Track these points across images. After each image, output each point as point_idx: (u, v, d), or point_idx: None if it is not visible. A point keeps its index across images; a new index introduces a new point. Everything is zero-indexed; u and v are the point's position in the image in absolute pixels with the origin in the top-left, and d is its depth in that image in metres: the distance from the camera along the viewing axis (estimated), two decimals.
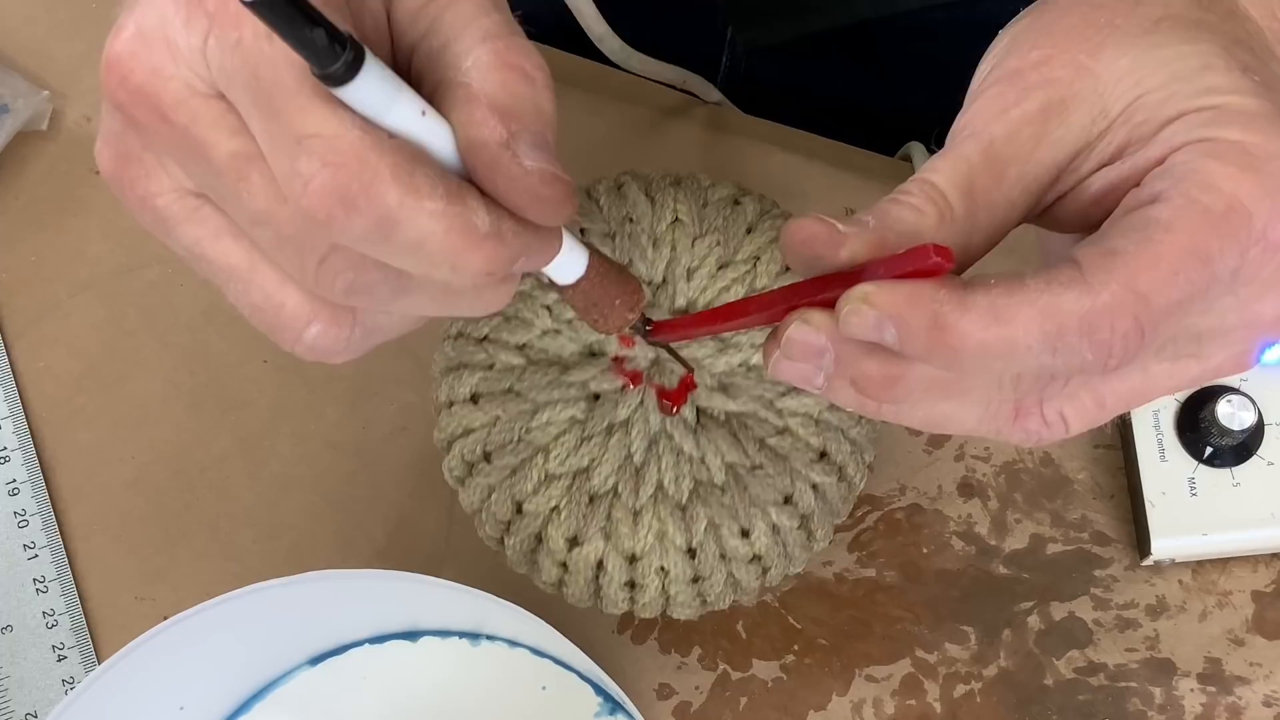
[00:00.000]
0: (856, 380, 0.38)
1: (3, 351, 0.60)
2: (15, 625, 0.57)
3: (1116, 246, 0.36)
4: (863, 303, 0.36)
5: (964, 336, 0.35)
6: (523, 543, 0.51)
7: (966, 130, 0.39)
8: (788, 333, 0.38)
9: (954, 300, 0.35)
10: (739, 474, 0.49)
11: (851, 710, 0.57)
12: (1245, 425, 0.55)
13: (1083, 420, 0.40)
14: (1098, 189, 0.39)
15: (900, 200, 0.38)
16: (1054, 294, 0.35)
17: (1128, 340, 0.36)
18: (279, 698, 0.54)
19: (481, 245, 0.35)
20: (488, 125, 0.36)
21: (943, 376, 0.38)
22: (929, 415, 0.39)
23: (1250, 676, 0.56)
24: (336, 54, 0.33)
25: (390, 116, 0.35)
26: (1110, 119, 0.39)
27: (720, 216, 0.51)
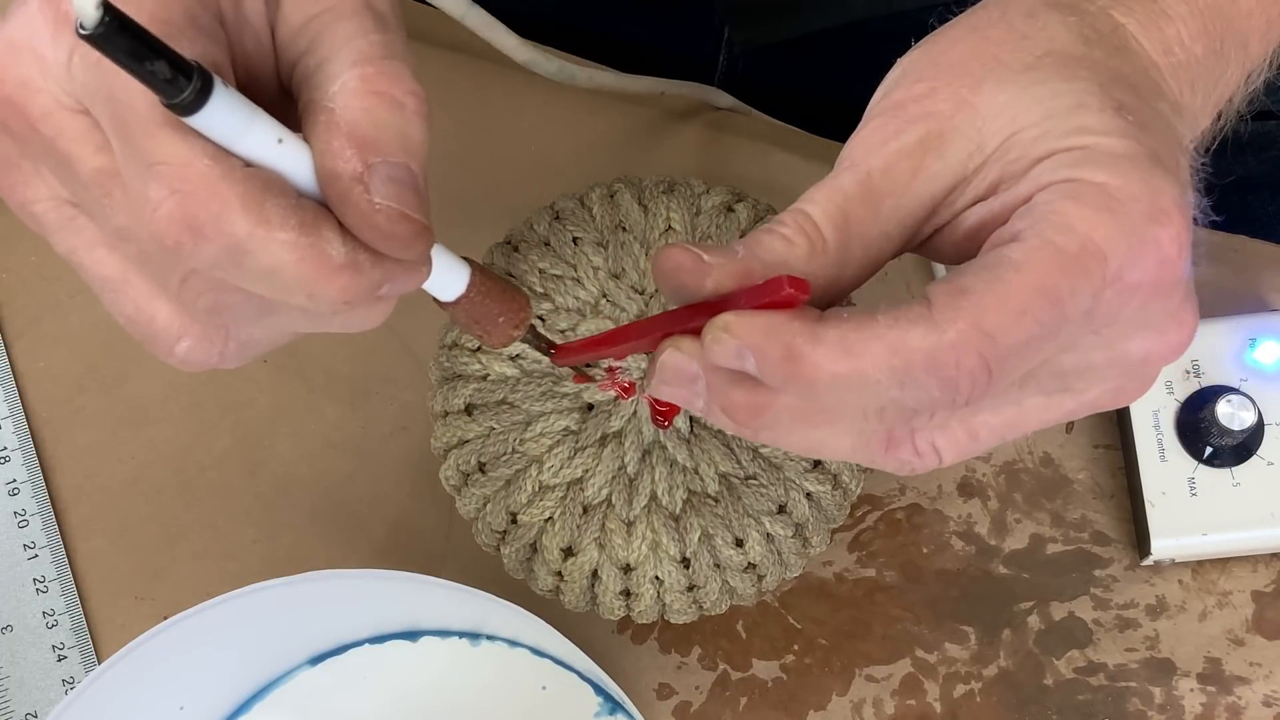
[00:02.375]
0: (726, 407, 0.38)
1: (3, 351, 0.60)
2: (15, 625, 0.57)
3: (966, 285, 0.36)
4: (723, 331, 0.36)
5: (815, 368, 0.36)
6: (518, 552, 0.51)
7: (846, 161, 0.39)
8: (661, 359, 0.38)
9: (806, 332, 0.36)
10: (732, 484, 0.49)
11: (851, 710, 0.57)
12: (1245, 425, 0.55)
13: (956, 451, 0.40)
14: (971, 224, 0.39)
15: (773, 230, 0.38)
16: (901, 330, 0.36)
17: (975, 377, 0.36)
18: (279, 698, 0.54)
19: (337, 275, 0.35)
20: (343, 156, 0.35)
21: (806, 406, 0.38)
22: (804, 442, 0.40)
23: (1250, 676, 0.56)
24: (181, 86, 0.32)
25: (244, 144, 0.35)
26: (986, 154, 0.39)
27: (713, 224, 0.51)
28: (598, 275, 0.50)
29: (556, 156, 0.63)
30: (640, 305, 0.50)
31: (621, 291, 0.50)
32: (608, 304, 0.50)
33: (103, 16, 0.30)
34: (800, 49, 0.71)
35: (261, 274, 0.35)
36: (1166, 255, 0.37)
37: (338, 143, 0.35)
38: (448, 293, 0.40)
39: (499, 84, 0.64)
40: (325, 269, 0.35)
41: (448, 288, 0.40)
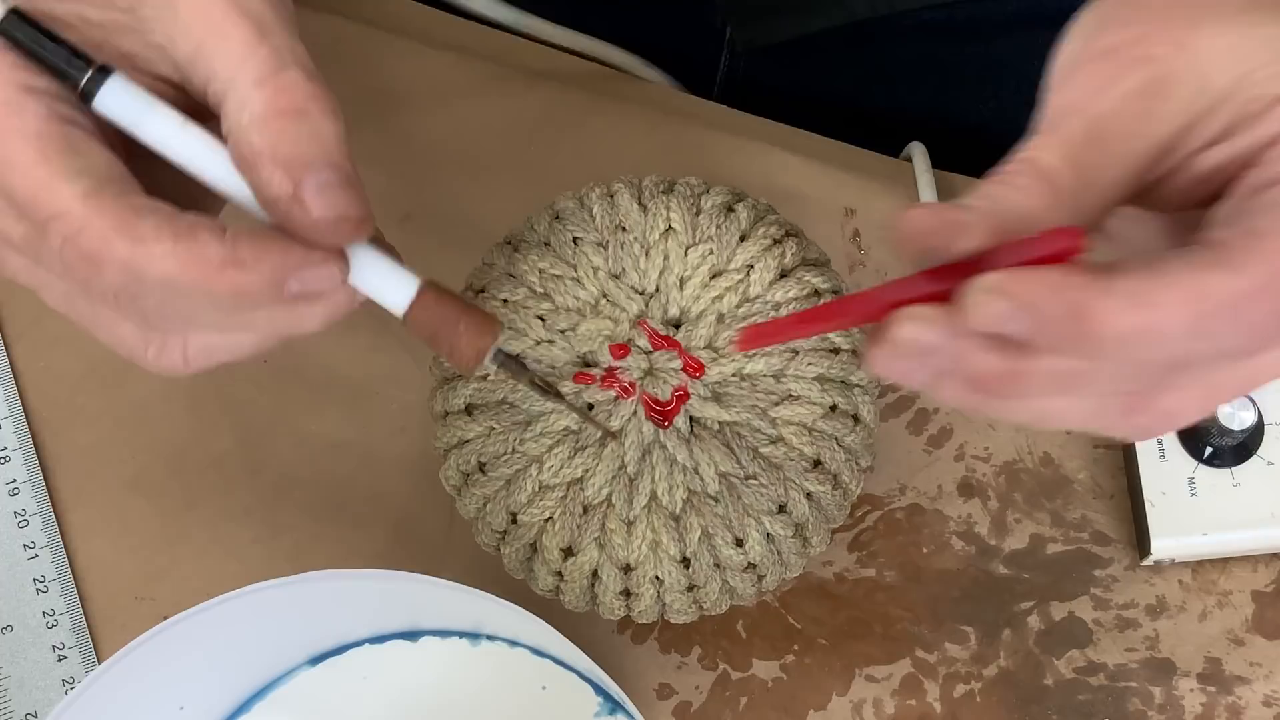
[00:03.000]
0: (974, 378, 0.36)
1: (3, 351, 0.60)
2: (15, 625, 0.57)
3: (1257, 226, 0.35)
4: (991, 293, 0.35)
5: (1106, 323, 0.34)
6: (518, 552, 0.51)
7: (1065, 109, 0.39)
8: (897, 331, 0.36)
9: (1095, 286, 0.34)
10: (732, 483, 0.49)
11: (851, 710, 0.57)
12: (1245, 425, 0.55)
13: (1190, 413, 0.39)
14: (1206, 167, 0.38)
15: (1008, 182, 0.37)
16: (1199, 275, 0.34)
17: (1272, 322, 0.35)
18: (279, 698, 0.54)
19: (221, 273, 0.39)
20: (274, 183, 0.39)
21: (1067, 369, 0.36)
22: (1040, 412, 0.38)
23: (1250, 676, 0.56)
24: (81, 70, 0.39)
25: (147, 126, 0.40)
26: (1213, 96, 0.38)
27: (713, 224, 0.51)
28: (598, 275, 0.50)
29: (556, 156, 0.63)
30: (640, 305, 0.50)
31: (621, 291, 0.50)
32: (608, 304, 0.50)
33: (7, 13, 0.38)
34: (800, 49, 0.71)
35: (159, 284, 0.39)
36: None
37: (265, 172, 0.39)
38: (394, 306, 0.42)
39: (499, 84, 0.64)
40: (208, 269, 0.39)
41: (393, 300, 0.42)
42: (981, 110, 0.71)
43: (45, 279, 0.43)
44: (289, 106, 0.40)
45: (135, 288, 0.40)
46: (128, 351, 0.44)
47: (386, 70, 0.64)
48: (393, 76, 0.64)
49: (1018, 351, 0.36)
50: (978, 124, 0.71)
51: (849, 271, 0.61)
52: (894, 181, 0.62)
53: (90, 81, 0.40)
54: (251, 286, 0.39)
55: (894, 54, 0.72)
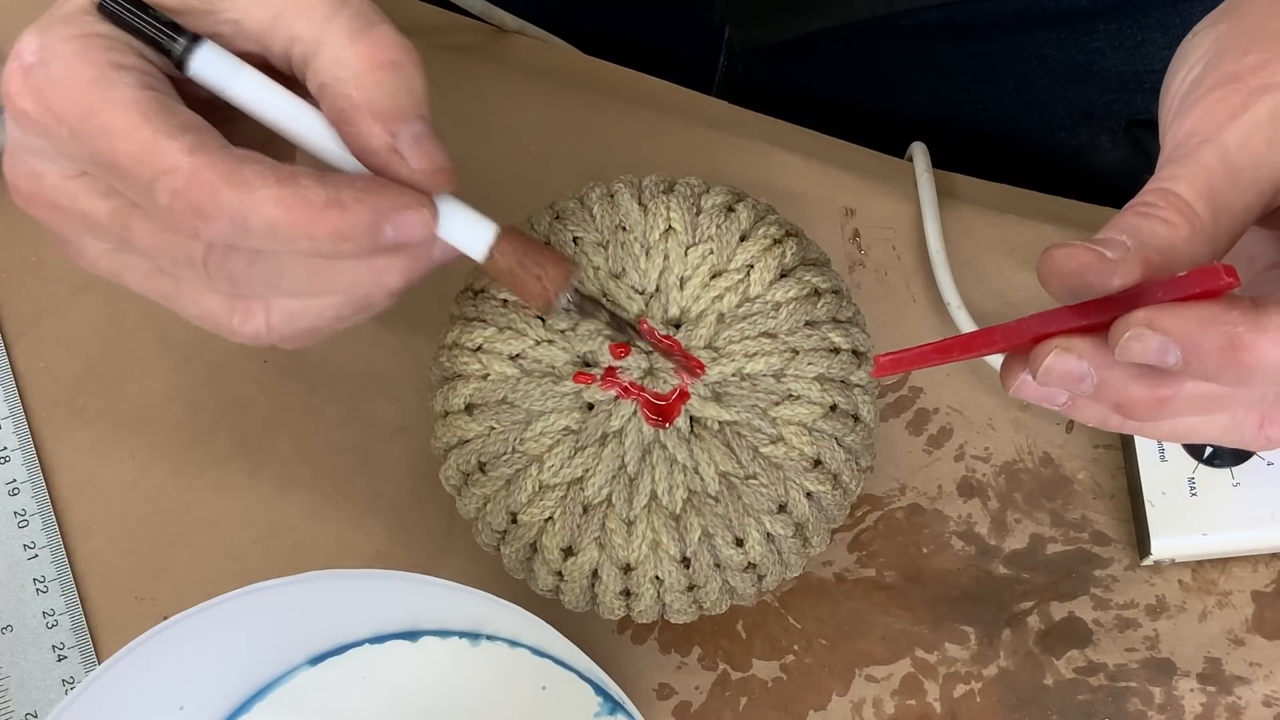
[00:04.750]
0: (1123, 403, 0.39)
1: (3, 351, 0.60)
2: (15, 625, 0.57)
3: None
4: (1146, 328, 0.37)
5: (1260, 354, 0.36)
6: (518, 552, 0.51)
7: (1196, 137, 0.40)
8: (1048, 361, 0.38)
9: (1249, 320, 0.36)
10: (733, 483, 0.49)
11: (851, 710, 0.57)
12: None
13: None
14: None
15: (1149, 215, 0.39)
16: None
17: None
18: (279, 698, 0.54)
19: (324, 214, 0.41)
20: (373, 134, 0.42)
21: (1211, 393, 0.38)
22: (1176, 429, 0.40)
23: (1250, 676, 0.56)
24: (175, 39, 0.42)
25: (239, 87, 0.43)
26: None
27: (714, 224, 0.51)
28: (598, 275, 0.50)
29: (556, 156, 0.63)
30: (640, 305, 0.50)
31: (622, 291, 0.50)
32: (608, 304, 0.50)
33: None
34: (800, 49, 0.71)
35: (264, 230, 0.41)
36: None
37: (365, 124, 0.42)
38: (474, 250, 0.45)
39: (499, 84, 0.64)
40: (310, 211, 0.41)
41: (473, 245, 0.45)
42: (981, 110, 0.71)
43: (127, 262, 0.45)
44: (384, 60, 0.42)
45: (239, 237, 0.41)
46: (213, 322, 0.45)
47: None
48: None
49: (1165, 379, 0.38)
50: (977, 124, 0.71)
51: (849, 271, 0.61)
52: (894, 181, 0.62)
53: (185, 50, 0.43)
54: (351, 229, 0.41)
55: (893, 54, 0.72)
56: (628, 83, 0.64)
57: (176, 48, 0.42)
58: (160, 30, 0.42)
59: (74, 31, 0.42)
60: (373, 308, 0.46)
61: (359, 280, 0.44)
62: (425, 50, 0.64)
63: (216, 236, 0.42)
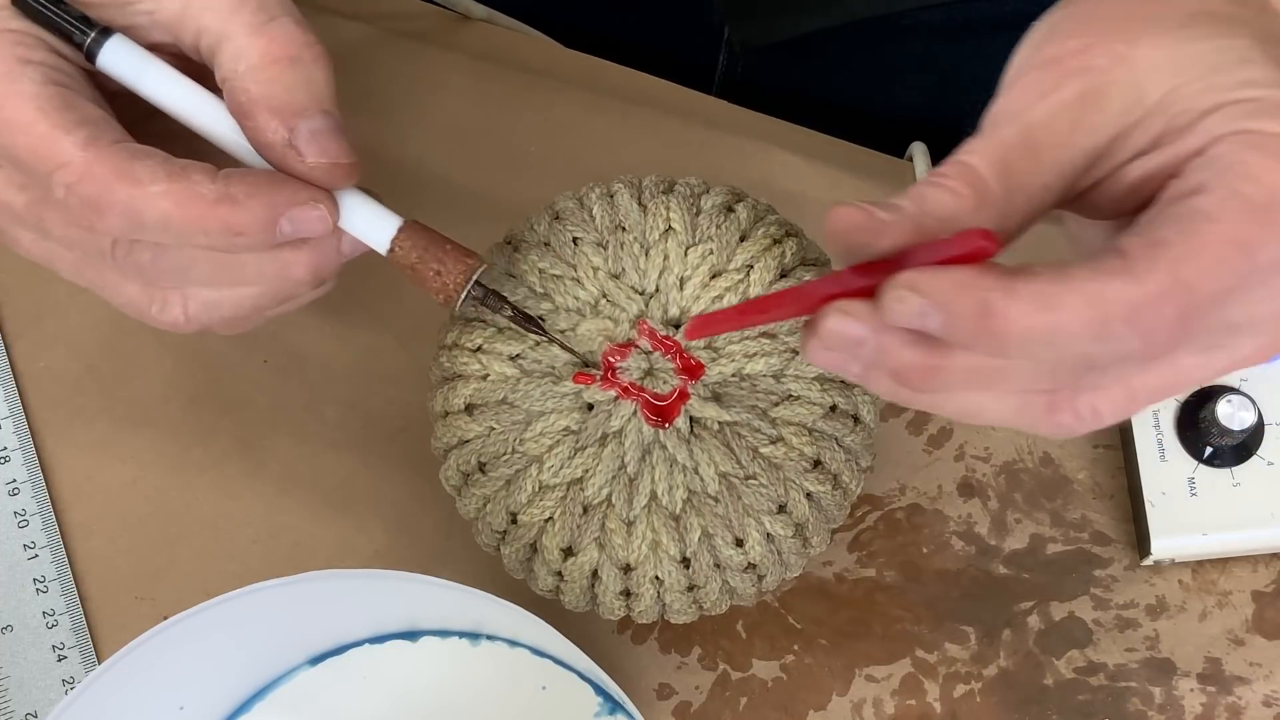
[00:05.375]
0: (896, 370, 0.38)
1: (3, 351, 0.60)
2: (15, 625, 0.57)
3: (1162, 237, 0.36)
4: (907, 290, 0.36)
5: (1011, 322, 0.35)
6: (518, 552, 0.51)
7: (1004, 114, 0.40)
8: (826, 323, 0.38)
9: (1001, 286, 0.36)
10: (732, 483, 0.49)
11: (851, 710, 0.57)
12: (1245, 425, 0.55)
13: (1114, 413, 0.40)
14: (1134, 177, 0.40)
15: (938, 184, 0.39)
16: (1101, 282, 0.36)
17: (1172, 329, 0.36)
18: (279, 698, 0.54)
19: (215, 209, 0.42)
20: (269, 129, 0.42)
21: (982, 366, 0.38)
22: (964, 406, 0.40)
23: (1250, 676, 0.56)
24: (85, 31, 0.43)
25: (146, 80, 0.44)
26: (1146, 108, 0.39)
27: (713, 224, 0.51)
28: (597, 275, 0.50)
29: (556, 156, 0.63)
30: (640, 305, 0.50)
31: (621, 291, 0.50)
32: (607, 304, 0.50)
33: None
34: (800, 49, 0.71)
35: (158, 224, 0.42)
36: None
37: (261, 118, 0.42)
38: (377, 243, 0.45)
39: (499, 84, 0.64)
40: (202, 206, 0.41)
41: (376, 238, 0.45)
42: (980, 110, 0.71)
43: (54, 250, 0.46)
44: (282, 54, 0.42)
45: (135, 231, 0.42)
46: (135, 311, 0.46)
47: (386, 70, 0.64)
48: (393, 76, 0.64)
49: (936, 347, 0.37)
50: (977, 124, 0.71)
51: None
52: (894, 181, 0.62)
53: (94, 42, 0.43)
54: (244, 224, 0.42)
55: (893, 54, 0.72)
56: (627, 82, 0.64)
57: (86, 41, 0.43)
58: (70, 23, 0.43)
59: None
60: (295, 297, 0.46)
61: (265, 273, 0.44)
62: (426, 49, 0.64)
63: (112, 231, 0.42)
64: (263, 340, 0.60)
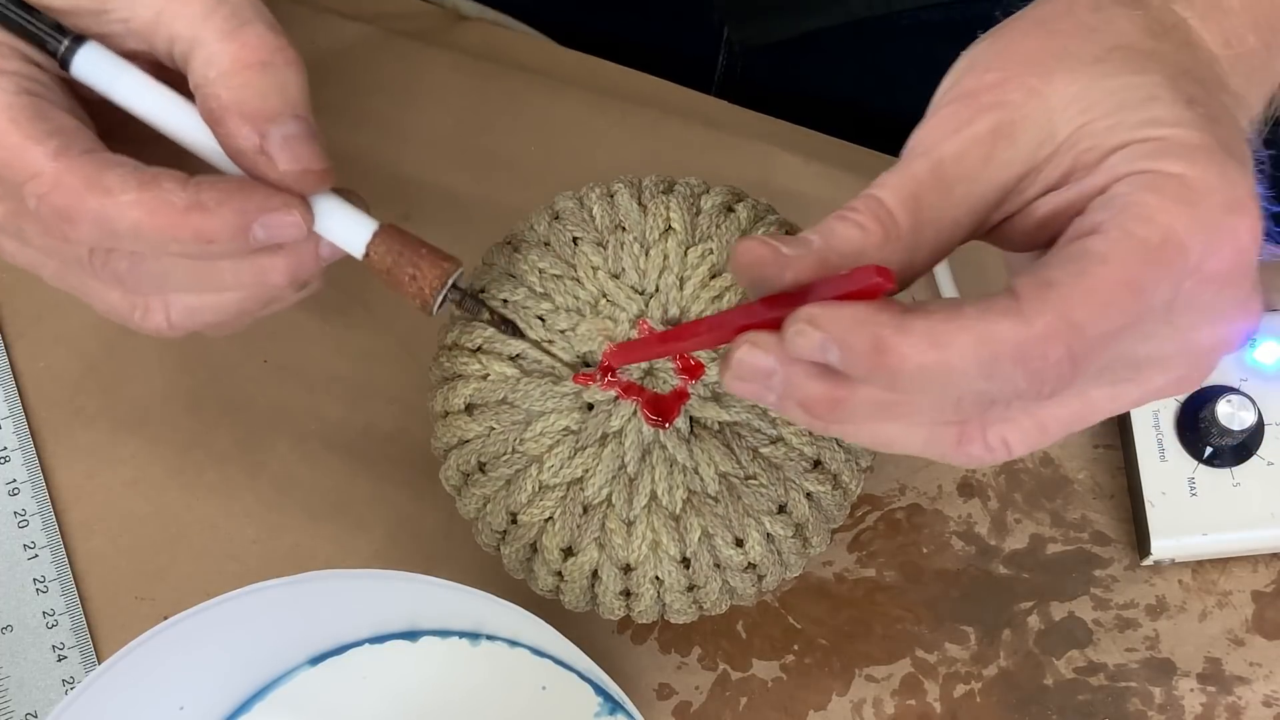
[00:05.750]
0: (803, 401, 0.39)
1: (3, 351, 0.60)
2: (15, 625, 0.57)
3: (1053, 278, 0.37)
4: (807, 324, 0.37)
5: (903, 359, 0.36)
6: (518, 552, 0.51)
7: (918, 148, 0.40)
8: (737, 354, 0.39)
9: (894, 323, 0.36)
10: (732, 483, 0.49)
11: (851, 710, 0.57)
12: (1245, 425, 0.55)
13: (1025, 444, 0.40)
14: (1044, 213, 0.40)
15: (846, 218, 0.39)
16: (990, 322, 0.36)
17: (1060, 369, 0.36)
18: (279, 698, 0.54)
19: (186, 217, 0.41)
20: (241, 135, 0.42)
21: (886, 398, 0.38)
22: (876, 436, 0.40)
23: (1250, 676, 0.56)
24: (59, 39, 0.43)
25: (120, 87, 0.43)
26: (1056, 143, 0.39)
27: (713, 224, 0.51)
28: (597, 275, 0.50)
29: (556, 156, 0.63)
30: (640, 305, 0.50)
31: (621, 291, 0.50)
32: (607, 304, 0.50)
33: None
34: (799, 48, 0.71)
35: (129, 234, 0.41)
36: (1243, 245, 0.37)
37: (233, 124, 0.42)
38: (353, 247, 0.44)
39: (499, 84, 0.64)
40: (172, 214, 0.41)
41: (351, 242, 0.44)
42: None
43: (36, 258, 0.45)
44: (253, 59, 0.42)
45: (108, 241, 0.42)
46: (118, 317, 0.46)
47: (386, 70, 0.64)
48: (392, 76, 0.64)
49: (840, 380, 0.38)
50: None
51: None
52: None
53: (67, 50, 0.43)
54: (216, 231, 0.41)
55: (893, 54, 0.72)
56: (627, 82, 0.64)
57: (60, 49, 0.43)
58: (44, 30, 0.43)
59: None
60: (277, 300, 0.46)
61: (242, 279, 0.44)
62: (426, 49, 0.64)
63: (86, 240, 0.42)
64: (262, 340, 0.60)
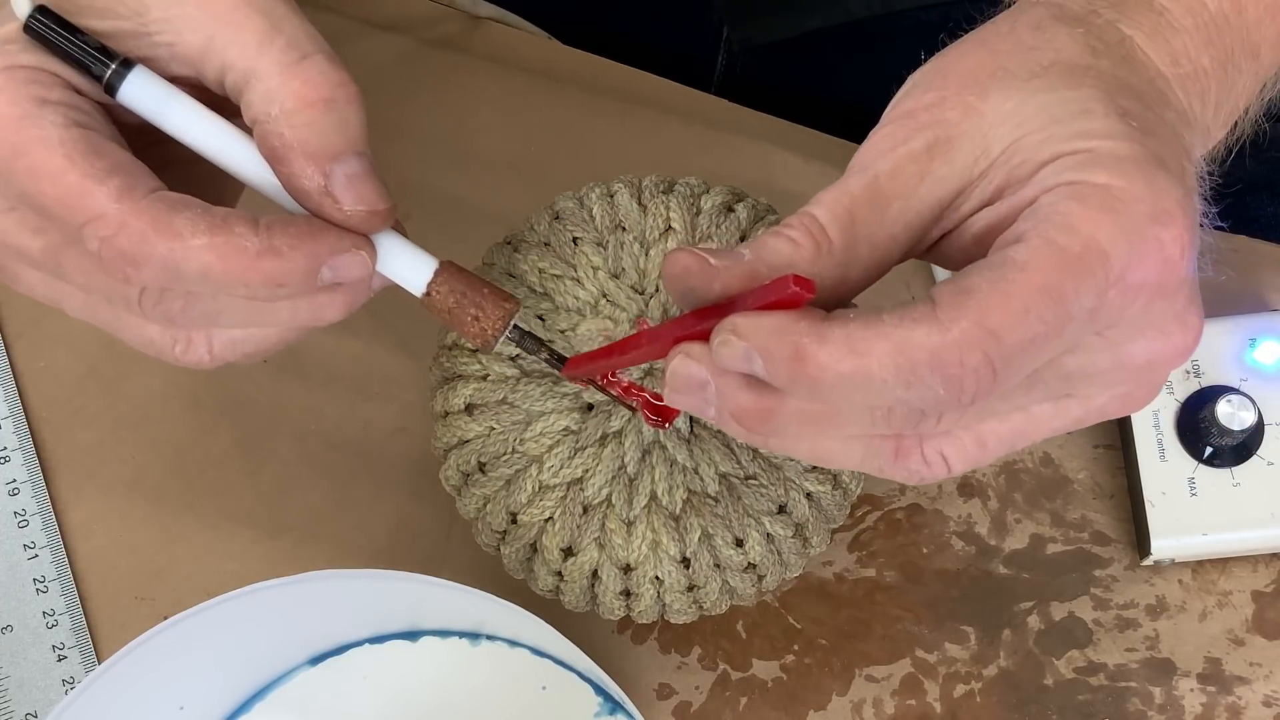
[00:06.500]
0: (735, 412, 0.38)
1: (3, 351, 0.60)
2: (15, 625, 0.57)
3: (971, 284, 0.36)
4: (730, 334, 0.37)
5: (821, 367, 0.36)
6: (518, 552, 0.51)
7: (857, 166, 0.40)
8: (671, 365, 0.39)
9: (813, 332, 0.36)
10: (732, 484, 0.49)
11: (851, 710, 0.57)
12: (1245, 425, 0.55)
13: (964, 460, 0.40)
14: (978, 229, 0.40)
15: (779, 232, 0.39)
16: (906, 329, 0.36)
17: (979, 375, 0.36)
18: (279, 698, 0.54)
19: (258, 262, 0.40)
20: (305, 175, 0.41)
21: (813, 410, 0.38)
22: (813, 450, 0.40)
23: (1250, 676, 0.56)
24: (105, 63, 0.40)
25: (171, 116, 0.41)
26: (991, 159, 0.39)
27: (713, 224, 0.51)
28: (597, 275, 0.50)
29: (556, 156, 0.63)
30: (640, 305, 0.50)
31: (621, 291, 0.50)
32: (607, 303, 0.50)
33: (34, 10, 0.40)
34: (799, 48, 0.71)
35: (197, 277, 0.40)
36: (1169, 256, 0.37)
37: (297, 164, 0.41)
38: (413, 286, 0.44)
39: (499, 84, 0.64)
40: (245, 259, 0.40)
41: (412, 281, 0.43)
42: None
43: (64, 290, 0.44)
44: (316, 97, 0.40)
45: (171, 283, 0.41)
46: (155, 350, 0.45)
47: (386, 70, 0.64)
48: (393, 76, 0.64)
49: (768, 391, 0.38)
50: None
51: None
52: None
53: (114, 74, 0.41)
54: (287, 275, 0.40)
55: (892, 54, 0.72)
56: (627, 82, 0.64)
57: (106, 72, 0.41)
58: (89, 54, 0.41)
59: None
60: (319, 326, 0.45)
61: (299, 315, 0.43)
62: (426, 49, 0.64)
63: (146, 282, 0.41)
64: None
